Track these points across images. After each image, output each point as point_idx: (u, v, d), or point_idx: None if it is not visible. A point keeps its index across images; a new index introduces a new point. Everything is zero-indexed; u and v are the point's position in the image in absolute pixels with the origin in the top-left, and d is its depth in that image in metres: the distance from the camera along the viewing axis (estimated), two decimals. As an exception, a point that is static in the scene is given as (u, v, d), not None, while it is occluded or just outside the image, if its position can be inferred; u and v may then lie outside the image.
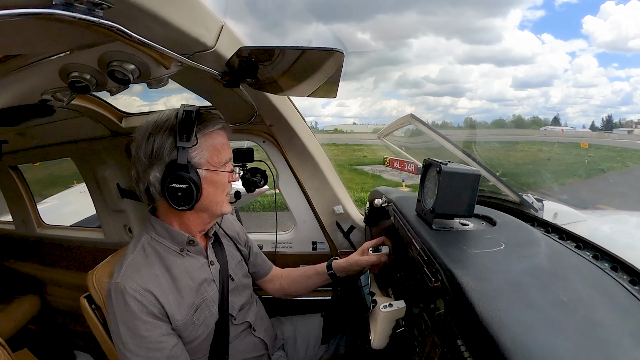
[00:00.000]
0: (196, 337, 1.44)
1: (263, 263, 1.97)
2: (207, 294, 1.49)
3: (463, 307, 0.87)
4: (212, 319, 1.49)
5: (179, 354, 1.36)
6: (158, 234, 1.47)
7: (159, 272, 1.40)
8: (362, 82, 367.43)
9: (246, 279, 1.76)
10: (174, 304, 1.37)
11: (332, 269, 1.87)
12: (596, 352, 0.70)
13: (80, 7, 0.69)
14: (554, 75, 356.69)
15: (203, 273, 1.52)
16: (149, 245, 1.46)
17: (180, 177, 1.34)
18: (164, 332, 1.34)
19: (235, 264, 1.70)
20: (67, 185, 7.69)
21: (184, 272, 1.45)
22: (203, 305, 1.47)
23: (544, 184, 3.61)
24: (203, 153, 1.41)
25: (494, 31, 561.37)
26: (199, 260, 1.53)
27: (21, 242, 3.67)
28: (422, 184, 1.44)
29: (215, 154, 1.44)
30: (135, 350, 1.30)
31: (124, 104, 2.39)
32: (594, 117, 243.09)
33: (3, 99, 1.34)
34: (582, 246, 1.25)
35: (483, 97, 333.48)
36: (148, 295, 1.32)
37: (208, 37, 1.09)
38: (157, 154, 1.37)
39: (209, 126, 1.43)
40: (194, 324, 1.43)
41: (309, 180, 2.37)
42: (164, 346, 1.32)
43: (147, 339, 1.30)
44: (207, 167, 1.42)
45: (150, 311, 1.32)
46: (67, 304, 3.32)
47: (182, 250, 1.48)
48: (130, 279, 1.33)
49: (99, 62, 1.12)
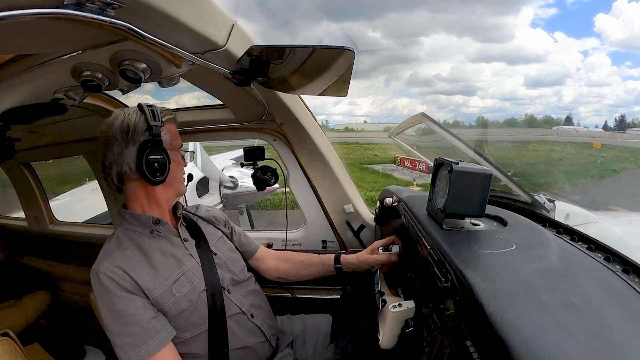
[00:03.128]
0: (182, 311, 1.47)
1: (248, 242, 2.01)
2: (185, 267, 1.55)
3: (473, 307, 0.86)
4: (196, 292, 1.52)
5: (159, 328, 1.39)
6: (129, 222, 1.57)
7: (130, 253, 1.48)
8: (373, 80, 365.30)
9: (233, 253, 1.81)
10: (147, 277, 1.43)
11: (339, 263, 1.89)
12: (606, 356, 0.69)
13: (91, 7, 0.70)
14: (566, 74, 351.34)
15: (178, 249, 1.59)
16: (123, 235, 1.55)
17: (155, 151, 1.47)
18: (139, 305, 1.38)
19: (216, 240, 1.77)
20: (79, 182, 7.76)
21: (157, 250, 1.53)
22: (183, 278, 1.51)
23: (556, 185, 3.57)
24: (167, 135, 1.57)
25: (506, 29, 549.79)
26: (172, 239, 1.61)
27: (33, 238, 3.71)
28: (433, 184, 1.43)
29: (174, 138, 1.61)
30: (116, 329, 1.35)
31: (135, 102, 2.40)
32: (606, 116, 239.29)
33: (16, 97, 1.35)
34: (594, 248, 1.24)
35: (495, 96, 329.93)
36: (119, 272, 1.38)
37: (219, 36, 1.10)
38: (132, 133, 1.49)
39: (166, 114, 1.60)
40: (174, 297, 1.46)
41: (319, 179, 2.36)
42: (140, 319, 1.36)
43: (122, 313, 1.35)
44: (169, 148, 1.56)
45: (123, 286, 1.37)
46: (78, 300, 3.37)
47: (152, 231, 1.56)
48: (103, 260, 1.41)
49: (110, 61, 1.13)
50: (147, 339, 1.35)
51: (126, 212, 1.58)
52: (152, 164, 1.46)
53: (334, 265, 1.90)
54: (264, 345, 1.70)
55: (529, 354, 0.67)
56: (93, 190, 5.57)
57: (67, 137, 2.70)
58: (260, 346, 1.69)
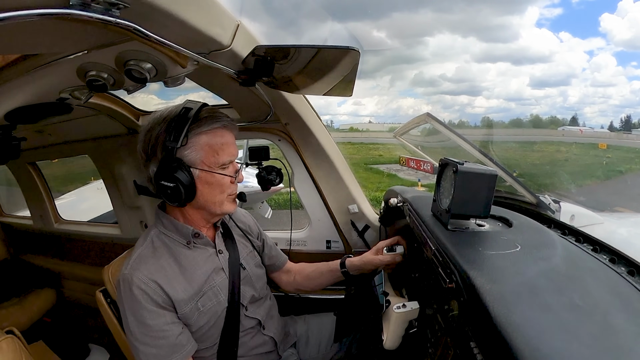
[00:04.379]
0: (202, 325, 1.47)
1: (278, 255, 1.99)
2: (214, 282, 1.52)
3: (477, 308, 0.86)
4: (220, 307, 1.51)
5: (184, 342, 1.39)
6: (166, 227, 1.51)
7: (165, 263, 1.44)
8: (378, 80, 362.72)
9: (259, 269, 1.77)
10: (180, 292, 1.41)
11: (345, 267, 1.88)
12: (611, 358, 0.69)
13: (97, 7, 0.70)
14: (571, 74, 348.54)
15: (211, 262, 1.55)
16: (158, 239, 1.50)
17: (169, 176, 1.35)
18: (168, 320, 1.37)
19: (246, 254, 1.72)
20: (84, 181, 7.79)
21: (192, 262, 1.49)
22: (210, 293, 1.49)
23: (561, 185, 3.55)
24: (197, 152, 1.41)
25: (511, 29, 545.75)
26: (207, 250, 1.56)
27: (39, 237, 3.74)
28: (438, 184, 1.43)
29: (211, 154, 1.43)
30: (142, 339, 1.34)
31: (141, 102, 2.41)
32: (612, 117, 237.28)
33: (22, 97, 1.36)
34: (599, 249, 1.23)
35: (500, 96, 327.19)
36: (153, 285, 1.36)
37: (224, 36, 1.10)
38: (152, 150, 1.42)
39: (204, 125, 1.42)
40: (198, 311, 1.45)
41: (324, 179, 2.36)
42: (168, 334, 1.35)
43: (151, 328, 1.34)
44: (201, 167, 1.42)
45: (155, 300, 1.35)
46: (83, 298, 3.38)
47: (188, 242, 1.51)
48: (137, 269, 1.37)
49: (116, 61, 1.13)
50: (172, 353, 1.36)
51: (165, 216, 1.52)
52: (165, 189, 1.37)
53: (340, 270, 1.89)
54: (273, 353, 1.72)
55: (533, 356, 0.66)
56: (98, 190, 5.58)
57: (72, 137, 2.71)
58: (269, 355, 1.71)
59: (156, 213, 1.56)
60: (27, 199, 3.68)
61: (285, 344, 1.82)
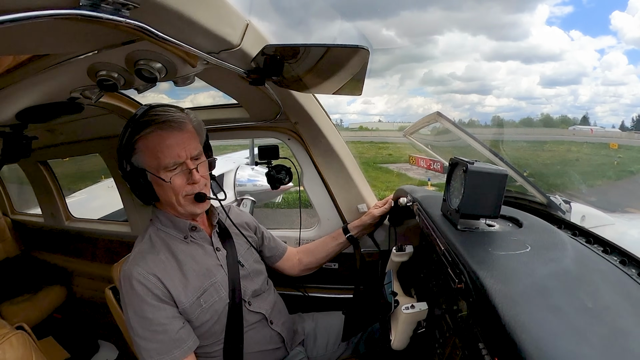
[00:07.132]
0: (205, 322, 1.48)
1: (277, 245, 2.02)
2: (215, 278, 1.53)
3: (486, 309, 0.85)
4: (222, 303, 1.52)
5: (185, 338, 1.40)
6: (162, 223, 1.55)
7: (164, 258, 1.46)
8: (388, 79, 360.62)
9: (258, 264, 1.79)
10: (179, 287, 1.43)
11: (348, 232, 2.02)
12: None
13: (106, 7, 0.70)
14: (582, 73, 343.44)
15: (210, 259, 1.57)
16: (156, 235, 1.53)
17: (129, 180, 1.45)
18: (168, 314, 1.39)
19: (244, 251, 1.74)
20: (95, 180, 7.84)
21: (189, 257, 1.51)
22: (211, 289, 1.51)
23: (572, 185, 3.53)
24: (142, 156, 1.42)
25: (521, 27, 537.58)
26: (205, 247, 1.59)
27: (50, 234, 3.77)
28: (448, 183, 1.42)
29: (152, 158, 1.41)
30: (143, 334, 1.36)
31: (151, 101, 2.41)
32: (623, 116, 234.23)
33: (33, 96, 1.38)
34: (610, 251, 1.22)
35: (510, 95, 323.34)
36: (153, 279, 1.38)
37: (233, 36, 1.10)
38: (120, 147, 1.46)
39: (142, 130, 1.40)
40: (201, 307, 1.46)
41: (333, 178, 2.36)
42: (168, 328, 1.37)
43: (151, 321, 1.36)
44: (149, 171, 1.42)
45: (155, 294, 1.37)
46: (93, 295, 3.41)
47: (186, 237, 1.54)
48: (137, 265, 1.40)
49: (126, 61, 1.14)
50: (173, 348, 1.37)
51: (161, 212, 1.55)
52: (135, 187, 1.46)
53: (344, 236, 2.02)
54: (280, 350, 1.72)
55: (542, 358, 0.66)
56: (109, 188, 5.62)
57: (83, 136, 2.73)
58: (276, 352, 1.71)
59: (152, 210, 1.60)
60: (39, 197, 3.71)
61: (293, 342, 1.82)
